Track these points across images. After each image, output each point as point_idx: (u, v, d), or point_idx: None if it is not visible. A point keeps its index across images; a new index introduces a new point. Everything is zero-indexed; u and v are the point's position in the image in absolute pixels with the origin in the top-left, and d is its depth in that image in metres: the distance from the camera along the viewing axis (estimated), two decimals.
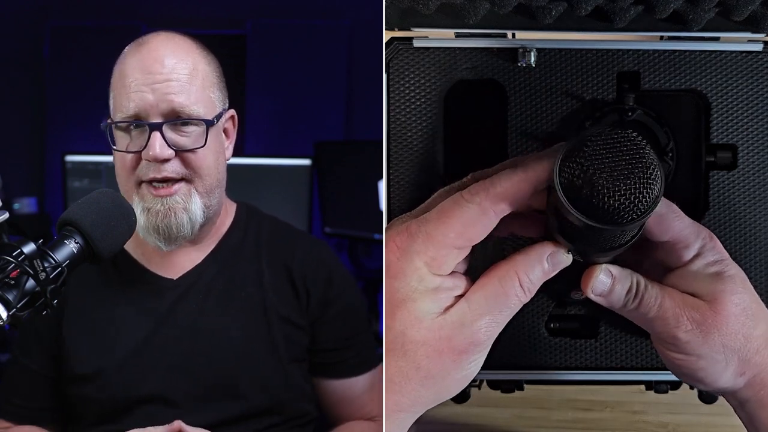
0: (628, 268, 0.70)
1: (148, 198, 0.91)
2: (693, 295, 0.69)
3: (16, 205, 2.26)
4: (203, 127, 0.92)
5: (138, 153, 0.90)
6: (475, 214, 0.66)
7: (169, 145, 0.89)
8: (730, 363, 0.69)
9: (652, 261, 0.72)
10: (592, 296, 0.70)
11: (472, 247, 0.71)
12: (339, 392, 1.03)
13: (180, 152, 0.91)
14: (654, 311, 0.69)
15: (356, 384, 1.03)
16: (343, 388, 1.03)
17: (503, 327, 0.68)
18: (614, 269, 0.69)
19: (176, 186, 0.91)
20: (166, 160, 0.90)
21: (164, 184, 0.91)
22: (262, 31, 2.43)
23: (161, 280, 0.97)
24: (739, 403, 0.72)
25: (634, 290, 0.69)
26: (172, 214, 0.90)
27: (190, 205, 0.91)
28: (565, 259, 0.67)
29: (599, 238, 0.64)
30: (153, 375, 0.93)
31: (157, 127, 0.89)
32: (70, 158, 2.17)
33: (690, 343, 0.69)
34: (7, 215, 0.71)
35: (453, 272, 0.68)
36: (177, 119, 0.90)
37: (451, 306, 0.67)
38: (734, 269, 0.70)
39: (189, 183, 0.92)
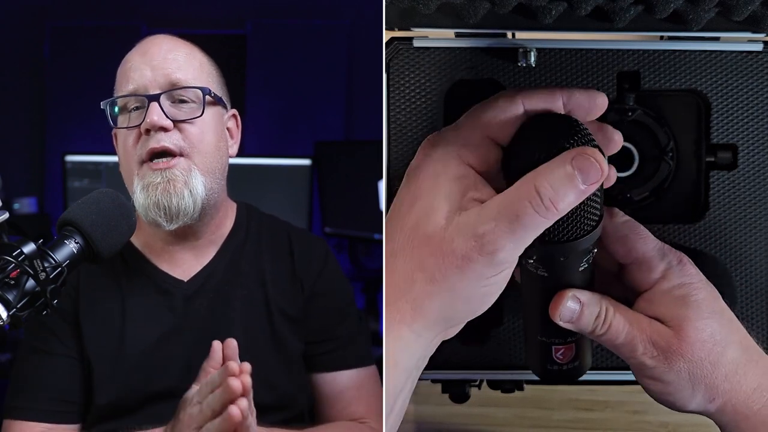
0: (597, 294, 0.69)
1: (148, 174, 0.91)
2: (660, 320, 0.69)
3: (16, 205, 2.27)
4: (200, 102, 0.93)
5: (137, 127, 0.91)
6: (505, 101, 0.65)
7: (166, 116, 0.90)
8: (697, 390, 0.68)
9: (622, 285, 0.72)
10: (560, 323, 0.69)
11: None
12: (321, 387, 1.02)
13: (178, 123, 0.91)
14: (622, 338, 0.69)
15: (338, 379, 1.02)
16: (325, 382, 1.02)
17: (519, 245, 0.61)
18: (582, 295, 0.68)
19: (175, 160, 0.91)
20: (165, 130, 0.90)
21: (163, 159, 0.91)
22: (262, 31, 2.43)
23: (172, 280, 0.97)
24: (718, 425, 0.71)
25: (602, 317, 0.69)
26: (172, 187, 0.90)
27: (191, 179, 0.91)
28: (596, 163, 0.60)
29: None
30: (164, 374, 0.93)
31: (155, 98, 0.90)
32: (70, 158, 2.17)
33: (656, 369, 0.68)
34: (7, 215, 0.71)
35: (482, 180, 0.64)
36: (174, 89, 0.92)
37: (466, 210, 0.63)
38: (703, 293, 0.69)
39: (188, 159, 0.92)
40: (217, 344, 0.85)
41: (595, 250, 0.68)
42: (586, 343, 0.74)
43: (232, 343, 0.84)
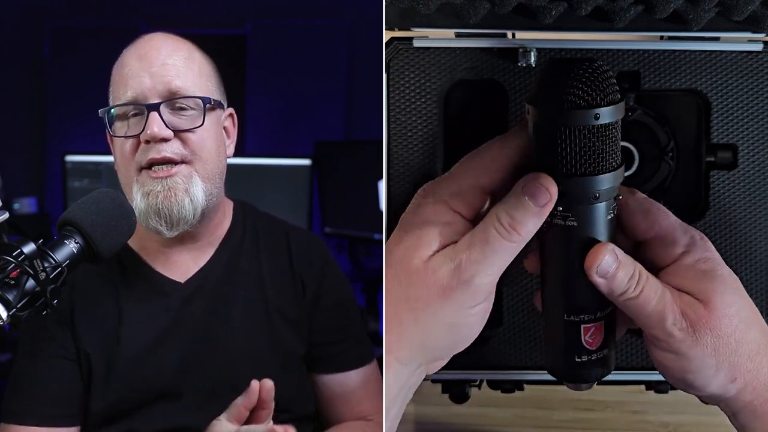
0: (630, 257, 0.68)
1: (148, 182, 0.90)
2: (685, 293, 0.68)
3: (16, 205, 2.27)
4: (200, 110, 0.92)
5: (137, 136, 0.90)
6: (495, 151, 0.69)
7: (167, 126, 0.89)
8: (720, 368, 0.67)
9: (642, 261, 0.71)
10: (595, 278, 0.67)
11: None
12: (331, 388, 1.02)
13: (179, 132, 0.91)
14: (653, 304, 0.67)
15: (348, 379, 1.02)
16: (336, 383, 1.02)
17: (494, 270, 0.66)
18: (620, 252, 0.67)
19: (176, 168, 0.90)
20: (165, 140, 0.89)
21: (164, 167, 0.90)
22: (262, 31, 2.43)
23: (169, 282, 0.96)
24: (732, 412, 0.70)
25: (636, 278, 0.67)
26: (173, 195, 0.89)
27: (192, 187, 0.91)
28: (542, 187, 0.66)
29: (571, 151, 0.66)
30: (162, 375, 0.93)
31: (155, 107, 0.89)
32: (70, 158, 2.17)
33: (683, 342, 0.67)
34: (7, 215, 0.71)
35: (470, 226, 0.68)
36: (174, 98, 0.91)
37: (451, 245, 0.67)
38: (726, 270, 0.69)
39: (190, 165, 0.91)
40: (255, 384, 0.86)
41: (620, 197, 0.69)
42: (613, 326, 0.72)
43: (268, 384, 0.86)
